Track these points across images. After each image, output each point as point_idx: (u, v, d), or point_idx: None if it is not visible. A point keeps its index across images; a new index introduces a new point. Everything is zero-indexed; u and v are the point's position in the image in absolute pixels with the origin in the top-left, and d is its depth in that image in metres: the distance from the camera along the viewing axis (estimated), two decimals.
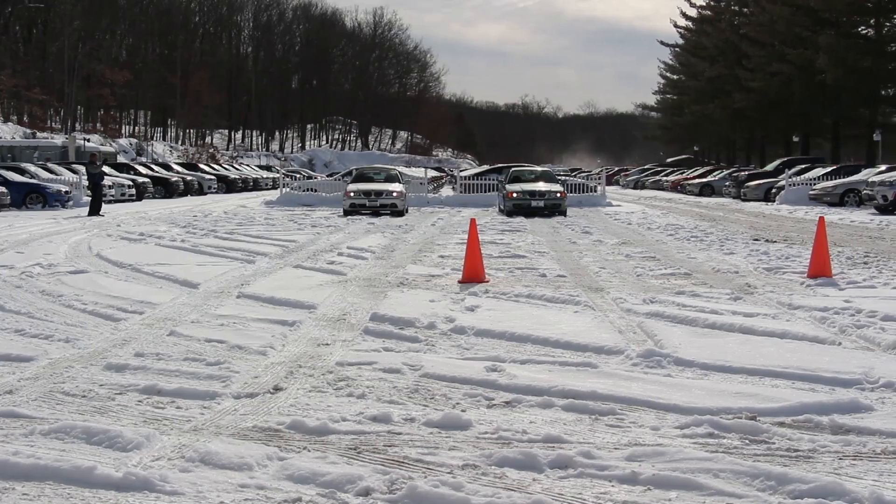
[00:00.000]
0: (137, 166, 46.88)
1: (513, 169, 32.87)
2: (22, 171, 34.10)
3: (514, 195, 28.19)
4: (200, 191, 47.07)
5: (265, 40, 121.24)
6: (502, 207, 29.11)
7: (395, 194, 28.34)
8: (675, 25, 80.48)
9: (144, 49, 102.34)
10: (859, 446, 5.18)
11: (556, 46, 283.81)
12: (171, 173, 47.04)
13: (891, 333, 8.15)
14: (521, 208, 27.79)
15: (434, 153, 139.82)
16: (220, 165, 63.67)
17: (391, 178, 31.28)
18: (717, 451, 5.08)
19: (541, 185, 29.25)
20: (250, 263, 14.30)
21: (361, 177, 31.86)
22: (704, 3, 74.59)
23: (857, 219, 25.41)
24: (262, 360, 7.36)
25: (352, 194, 28.33)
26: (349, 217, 27.00)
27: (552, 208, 27.93)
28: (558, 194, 28.38)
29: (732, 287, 11.41)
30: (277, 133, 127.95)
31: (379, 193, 28.34)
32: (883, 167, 34.46)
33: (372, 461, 4.93)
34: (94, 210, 27.75)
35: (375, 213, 27.77)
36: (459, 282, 11.94)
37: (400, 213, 27.96)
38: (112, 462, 4.87)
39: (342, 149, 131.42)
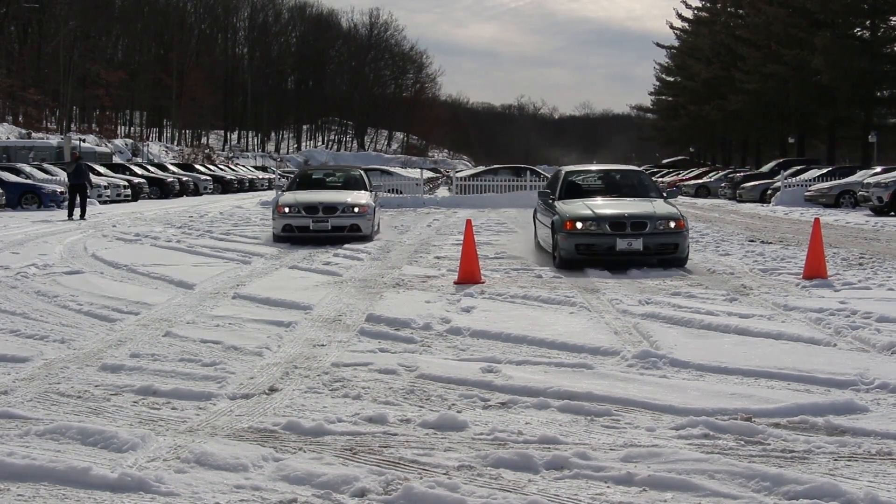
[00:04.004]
0: (133, 167, 46.83)
1: (567, 171, 16.54)
2: (17, 172, 34.06)
3: (580, 226, 13.65)
4: (196, 191, 47.05)
5: (261, 41, 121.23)
6: (555, 251, 14.15)
7: (356, 209, 18.04)
8: (671, 27, 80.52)
9: (140, 49, 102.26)
10: (854, 447, 5.18)
11: (550, 47, 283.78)
12: (166, 174, 47.00)
13: (886, 335, 8.16)
14: (596, 252, 13.64)
15: (430, 154, 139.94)
16: (216, 166, 63.61)
17: (352, 184, 20.45)
18: (713, 452, 5.09)
19: (630, 204, 14.50)
20: (246, 264, 14.29)
21: (306, 181, 20.94)
22: (700, 5, 74.69)
23: (853, 220, 25.45)
24: (257, 361, 7.36)
25: (286, 210, 17.88)
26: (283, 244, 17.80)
27: (662, 250, 13.80)
28: (672, 223, 13.75)
29: (728, 288, 11.42)
30: (273, 134, 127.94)
31: (331, 208, 17.94)
32: (878, 168, 34.49)
33: (368, 462, 4.93)
34: (70, 213, 25.56)
35: (326, 239, 17.81)
36: (455, 283, 11.95)
37: (366, 238, 18.22)
38: (107, 463, 4.87)
39: (338, 149, 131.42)
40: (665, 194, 15.62)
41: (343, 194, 18.98)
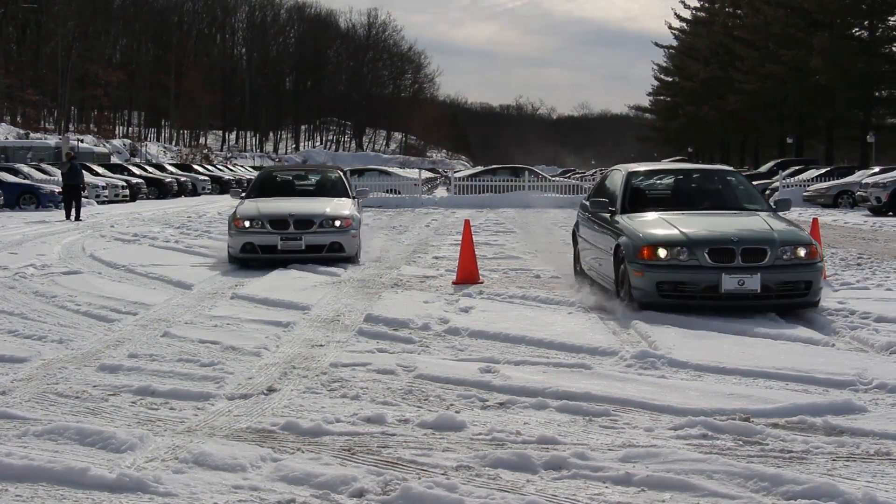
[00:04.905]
0: (131, 167, 46.84)
1: (631, 172, 11.55)
2: (15, 172, 34.05)
3: (664, 255, 9.30)
4: (194, 191, 47.02)
5: (259, 41, 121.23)
6: (622, 288, 9.83)
7: (338, 223, 14.15)
8: (670, 27, 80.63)
9: (138, 50, 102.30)
10: (853, 447, 5.19)
11: (547, 47, 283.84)
12: (164, 174, 47.02)
13: (884, 335, 8.16)
14: (688, 294, 9.27)
15: (428, 154, 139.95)
16: (214, 166, 63.64)
17: (329, 188, 16.41)
18: (711, 452, 5.09)
19: (732, 221, 10.01)
20: (244, 264, 14.26)
21: (271, 185, 16.49)
22: (698, 5, 74.74)
23: (851, 220, 25.47)
24: (256, 361, 7.36)
25: (246, 224, 14.03)
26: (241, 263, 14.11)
27: (788, 292, 9.30)
28: (801, 250, 9.34)
29: None
30: (271, 134, 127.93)
31: (305, 222, 14.05)
32: (876, 169, 34.53)
33: (366, 462, 4.93)
34: (67, 213, 25.47)
35: (298, 261, 13.82)
36: (454, 283, 11.94)
37: (350, 259, 14.32)
38: (106, 463, 4.87)
39: (336, 150, 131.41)
40: (773, 205, 11.03)
41: (320, 203, 14.93)
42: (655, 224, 9.92)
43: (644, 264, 9.34)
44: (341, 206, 14.73)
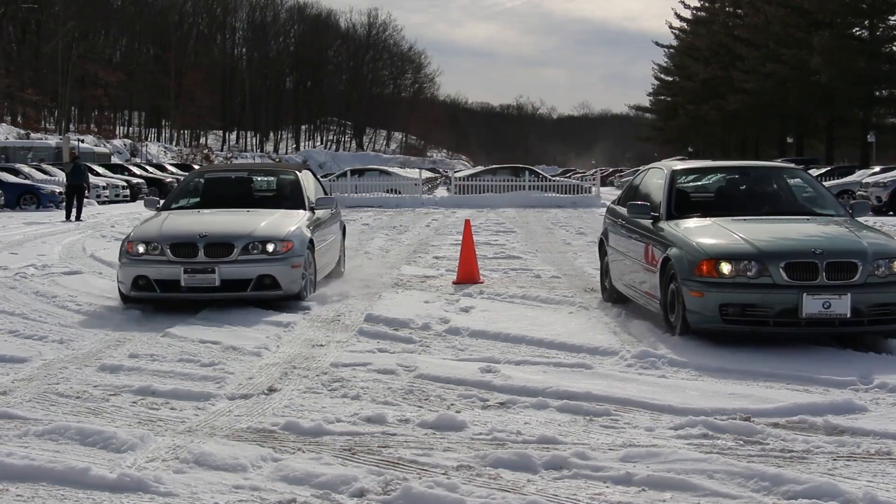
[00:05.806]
0: (132, 167, 46.88)
1: (676, 171, 9.66)
2: (16, 172, 34.06)
3: (729, 270, 7.61)
4: None
5: (259, 41, 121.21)
6: (674, 310, 8.11)
7: (270, 247, 9.77)
8: (670, 27, 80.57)
9: (138, 50, 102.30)
10: (853, 447, 5.19)
11: (546, 47, 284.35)
12: (165, 174, 47.01)
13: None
14: (759, 318, 7.57)
15: (428, 154, 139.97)
16: None
17: (280, 196, 11.87)
18: (712, 451, 5.09)
19: (808, 228, 8.35)
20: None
21: (198, 192, 12.35)
22: (698, 5, 74.73)
23: None
24: (256, 361, 7.36)
25: (140, 249, 9.86)
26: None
27: (885, 317, 7.61)
28: None
29: None
30: (272, 134, 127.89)
31: (221, 245, 9.73)
32: (877, 168, 34.53)
33: (366, 462, 4.93)
34: (68, 213, 25.31)
35: (214, 301, 9.78)
36: (454, 283, 11.93)
37: (293, 297, 9.96)
38: (106, 463, 4.87)
39: (337, 150, 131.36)
40: (850, 209, 9.22)
41: (251, 217, 10.53)
42: (712, 232, 8.25)
43: (703, 282, 7.67)
44: (282, 223, 10.34)
